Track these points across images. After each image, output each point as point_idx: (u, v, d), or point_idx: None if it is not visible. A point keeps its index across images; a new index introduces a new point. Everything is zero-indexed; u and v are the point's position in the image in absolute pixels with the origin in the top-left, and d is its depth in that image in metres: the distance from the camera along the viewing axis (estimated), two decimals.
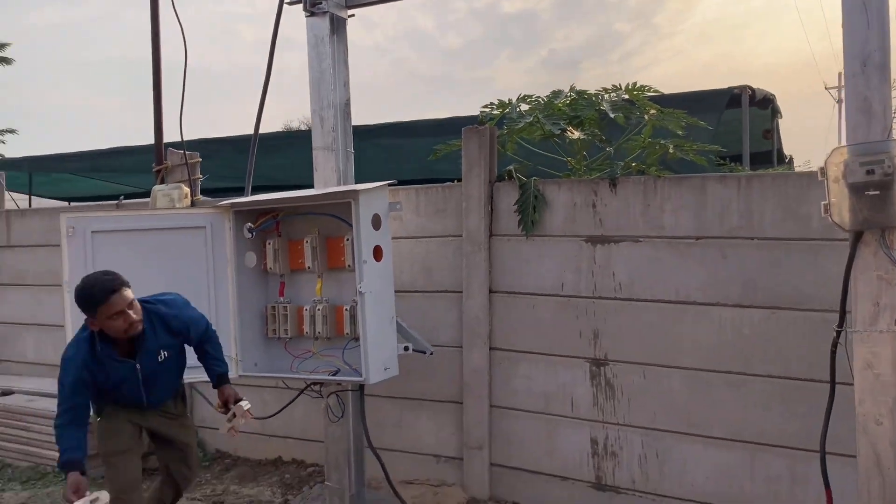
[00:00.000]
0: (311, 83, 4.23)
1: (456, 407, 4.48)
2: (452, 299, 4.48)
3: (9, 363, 6.57)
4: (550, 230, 4.20)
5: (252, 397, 5.19)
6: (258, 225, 4.19)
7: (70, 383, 3.19)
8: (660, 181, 3.91)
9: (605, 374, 4.05)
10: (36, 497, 4.71)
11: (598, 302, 4.06)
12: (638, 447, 3.98)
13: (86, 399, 3.28)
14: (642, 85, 4.53)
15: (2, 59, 7.96)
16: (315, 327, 4.07)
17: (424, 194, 4.60)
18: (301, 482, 4.75)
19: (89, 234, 3.96)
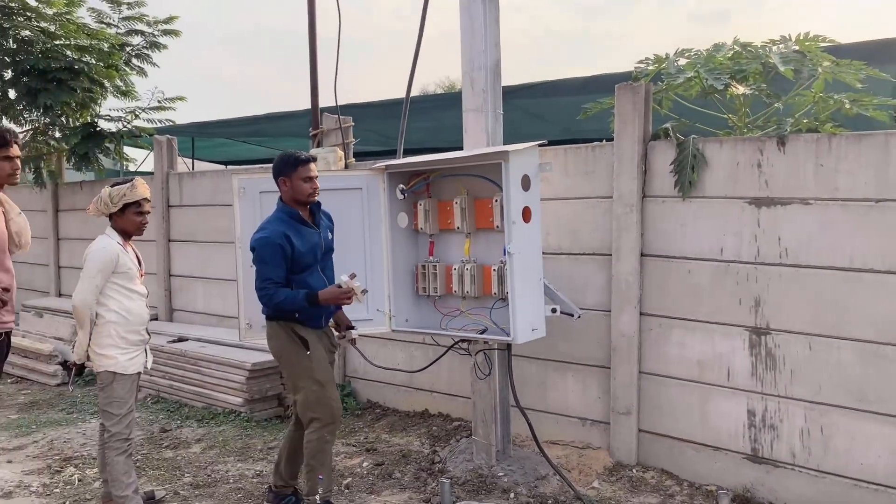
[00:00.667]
0: (463, 44, 4.24)
1: (603, 371, 4.44)
2: (600, 262, 4.41)
3: (182, 312, 7.21)
4: (710, 191, 4.01)
5: (400, 352, 5.44)
6: (410, 186, 4.30)
7: (271, 256, 3.50)
8: (835, 139, 3.61)
9: (766, 343, 3.85)
10: (210, 434, 5.17)
11: (761, 268, 3.85)
12: (800, 421, 3.77)
13: (284, 274, 3.55)
14: (815, 35, 4.18)
15: (171, 32, 8.62)
16: (463, 286, 4.15)
17: (573, 154, 4.51)
18: (448, 435, 4.90)
19: (258, 193, 4.22)
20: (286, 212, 3.64)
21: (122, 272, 3.62)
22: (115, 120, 8.32)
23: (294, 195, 3.63)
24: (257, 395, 5.49)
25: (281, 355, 3.72)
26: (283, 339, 3.66)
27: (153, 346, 6.13)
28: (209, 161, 16.31)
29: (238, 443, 4.99)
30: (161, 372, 6.09)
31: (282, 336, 3.66)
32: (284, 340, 3.67)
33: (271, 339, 3.72)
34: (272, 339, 3.72)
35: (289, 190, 3.64)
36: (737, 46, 4.30)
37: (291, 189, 3.63)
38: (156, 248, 7.24)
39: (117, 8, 8.49)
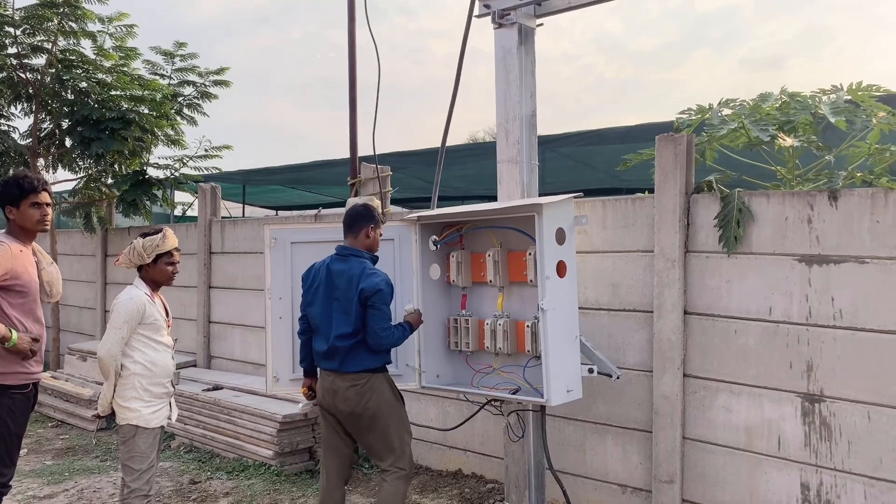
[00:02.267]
0: (498, 95, 4.18)
1: (644, 435, 4.20)
2: (641, 319, 4.21)
3: (220, 359, 7.20)
4: (757, 247, 3.80)
5: (433, 408, 5.28)
6: (443, 238, 4.21)
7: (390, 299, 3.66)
8: (892, 193, 3.39)
9: (820, 411, 3.58)
10: (239, 488, 5.07)
11: (813, 330, 3.60)
12: (860, 497, 3.47)
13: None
14: (868, 84, 3.99)
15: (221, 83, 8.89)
16: (496, 342, 4.00)
17: (612, 206, 4.36)
18: (481, 498, 4.69)
19: (289, 244, 4.20)
20: (373, 260, 3.76)
21: (149, 323, 3.59)
22: (164, 168, 8.51)
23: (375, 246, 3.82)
24: (288, 448, 5.38)
25: (390, 408, 3.67)
26: (388, 391, 3.68)
27: (189, 395, 6.14)
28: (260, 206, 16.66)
29: (266, 498, 4.87)
30: (195, 421, 6.05)
31: (387, 388, 3.68)
32: (390, 393, 3.69)
33: (375, 392, 3.63)
34: (377, 393, 3.64)
35: (373, 241, 3.79)
36: (784, 96, 4.13)
37: (374, 240, 3.81)
38: (196, 294, 7.29)
39: (170, 60, 8.77)
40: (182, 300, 7.48)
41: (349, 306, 3.61)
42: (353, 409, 3.61)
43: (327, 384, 3.68)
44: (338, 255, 3.75)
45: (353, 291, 3.59)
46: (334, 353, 3.61)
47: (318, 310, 3.71)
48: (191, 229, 7.48)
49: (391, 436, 3.66)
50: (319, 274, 3.75)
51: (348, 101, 5.75)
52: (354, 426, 3.68)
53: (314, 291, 3.74)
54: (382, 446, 3.65)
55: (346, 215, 3.88)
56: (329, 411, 3.73)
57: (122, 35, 8.57)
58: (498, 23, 4.11)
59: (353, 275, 3.63)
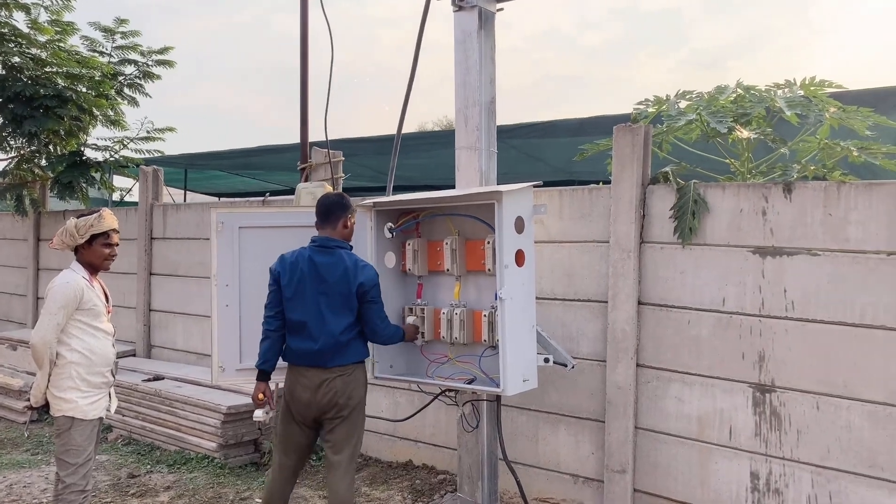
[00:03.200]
0: (457, 81, 4.09)
1: (597, 425, 4.20)
2: (595, 309, 4.20)
3: (161, 349, 6.94)
4: (711, 239, 3.82)
5: (385, 399, 5.19)
6: (399, 225, 4.11)
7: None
8: (844, 187, 3.45)
9: (771, 401, 3.63)
10: (181, 481, 4.88)
11: (766, 321, 3.65)
12: (807, 486, 3.53)
13: None
14: (821, 80, 4.05)
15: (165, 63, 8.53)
16: (452, 332, 3.92)
17: (569, 196, 4.34)
18: (432, 489, 4.62)
19: (237, 228, 4.03)
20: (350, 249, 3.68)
21: (87, 309, 3.39)
22: (102, 149, 8.15)
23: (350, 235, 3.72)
24: (232, 441, 5.21)
25: (362, 400, 3.62)
26: (365, 382, 3.65)
27: (128, 385, 5.89)
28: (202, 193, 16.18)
29: (209, 492, 4.70)
30: (134, 412, 5.81)
31: (365, 381, 3.64)
32: (366, 385, 3.65)
33: (360, 382, 3.58)
34: (360, 384, 3.59)
35: (350, 230, 3.70)
36: (740, 89, 4.17)
37: (351, 229, 3.71)
38: (136, 281, 7.00)
39: (111, 37, 8.39)
40: (121, 287, 7.18)
41: (344, 300, 3.48)
42: (336, 399, 3.47)
43: (305, 380, 3.50)
44: (320, 246, 3.58)
45: (349, 284, 3.47)
46: (331, 348, 3.46)
47: (303, 305, 3.50)
48: (131, 214, 7.18)
49: (355, 430, 3.57)
50: (299, 266, 3.54)
51: (299, 84, 5.58)
52: (330, 416, 3.52)
53: (295, 286, 3.53)
54: (345, 439, 3.53)
55: (319, 205, 3.69)
56: (300, 409, 3.55)
57: (59, 9, 8.15)
58: (458, 5, 4.02)
59: (346, 267, 3.50)
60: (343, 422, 3.49)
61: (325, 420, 3.52)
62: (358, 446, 3.57)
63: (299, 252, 3.58)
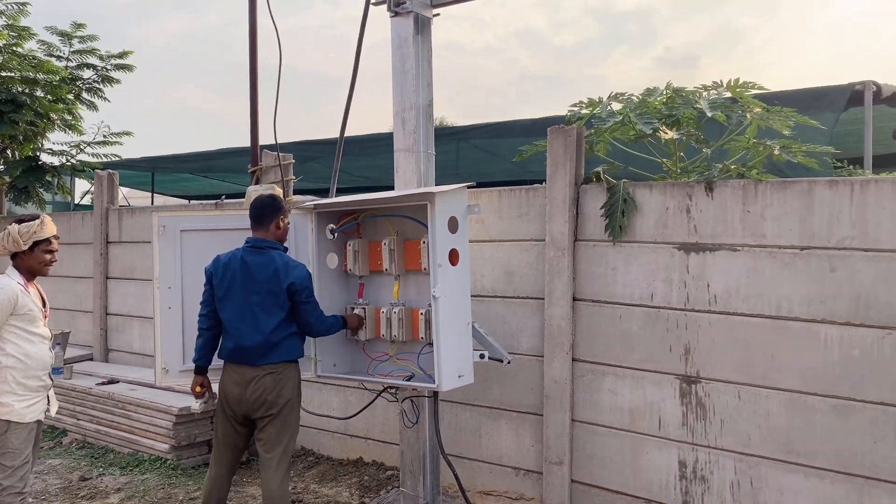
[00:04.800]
0: (394, 84, 4.18)
1: (536, 419, 4.31)
2: (534, 306, 4.32)
3: (118, 353, 6.95)
4: (640, 236, 3.96)
5: (335, 397, 5.27)
6: (340, 226, 4.19)
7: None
8: (761, 185, 3.59)
9: (697, 392, 3.77)
10: (132, 483, 4.92)
11: (691, 315, 3.78)
12: (730, 473, 3.67)
13: None
14: (746, 81, 4.20)
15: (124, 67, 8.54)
16: (391, 330, 4.01)
17: (508, 196, 4.45)
18: (379, 485, 4.71)
19: (178, 232, 4.09)
20: (284, 251, 3.77)
21: (23, 314, 3.44)
22: (59, 154, 8.13)
23: (285, 236, 3.82)
24: (185, 442, 5.26)
25: (294, 402, 3.67)
26: (298, 382, 3.69)
27: (81, 389, 5.91)
28: (171, 195, 16.10)
29: (159, 493, 4.75)
30: (88, 416, 5.84)
31: (298, 380, 3.69)
32: (298, 385, 3.69)
33: (290, 381, 3.63)
34: (291, 382, 3.63)
35: (283, 231, 3.79)
36: (669, 91, 4.30)
37: (284, 231, 3.81)
38: (92, 285, 7.01)
39: (68, 41, 8.38)
40: (77, 291, 7.18)
41: (274, 299, 3.57)
42: (265, 396, 3.55)
43: (237, 376, 3.59)
44: (252, 247, 3.68)
45: (280, 283, 3.57)
46: (261, 347, 3.55)
47: (234, 305, 3.61)
48: (87, 218, 7.18)
49: (286, 429, 3.63)
50: (231, 267, 3.64)
51: (249, 86, 5.63)
52: (260, 415, 3.59)
53: (227, 286, 3.64)
54: (276, 437, 3.60)
55: (252, 207, 3.80)
56: (231, 405, 3.64)
57: (14, 13, 8.13)
58: (394, 10, 4.11)
59: (276, 267, 3.60)
60: (273, 420, 3.56)
61: (257, 419, 3.60)
62: (290, 445, 3.64)
63: (233, 253, 3.66)
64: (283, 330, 3.61)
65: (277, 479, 3.55)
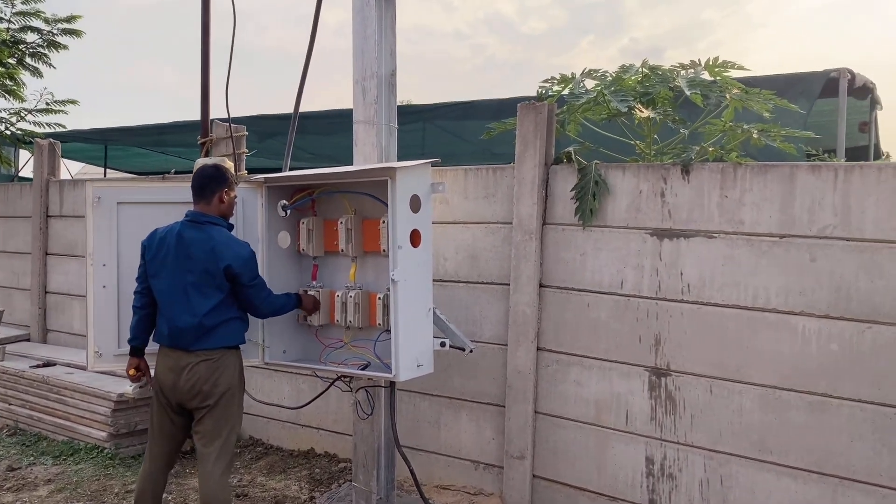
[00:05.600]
0: (355, 51, 3.89)
1: (498, 410, 4.10)
2: (499, 292, 4.09)
3: (57, 333, 6.55)
4: (612, 220, 3.75)
5: (287, 385, 4.99)
6: (293, 202, 3.90)
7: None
8: (740, 169, 3.41)
9: (666, 385, 3.59)
10: (65, 474, 4.59)
11: (662, 304, 3.60)
12: (700, 470, 3.51)
13: None
14: (725, 61, 4.01)
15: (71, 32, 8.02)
16: (346, 315, 3.75)
17: (474, 176, 4.21)
18: (331, 478, 4.46)
19: (115, 204, 3.75)
20: (229, 228, 3.48)
21: None
22: None
23: (230, 211, 3.52)
24: (124, 430, 4.93)
25: (234, 392, 3.36)
26: (238, 371, 3.40)
27: (14, 372, 5.53)
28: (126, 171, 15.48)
29: (94, 484, 4.43)
30: (21, 400, 5.47)
31: (238, 368, 3.40)
32: (239, 374, 3.42)
33: (228, 369, 3.32)
34: (228, 370, 3.32)
35: (227, 205, 3.48)
36: (645, 69, 4.09)
37: (229, 205, 3.50)
38: (31, 261, 6.59)
39: (9, 2, 7.85)
40: (14, 268, 6.76)
41: (211, 280, 3.27)
42: (200, 385, 3.26)
43: (171, 362, 3.31)
44: (191, 221, 3.37)
45: (217, 264, 3.26)
46: (194, 331, 3.25)
47: (166, 283, 3.32)
48: (25, 190, 6.74)
49: (225, 422, 3.34)
50: (167, 242, 3.34)
51: (200, 55, 5.27)
52: (196, 405, 3.31)
53: (160, 262, 3.34)
54: (214, 430, 3.32)
55: (194, 178, 3.50)
56: (165, 393, 3.36)
57: None
58: None
59: (213, 245, 3.29)
60: (210, 411, 3.28)
61: (193, 409, 3.32)
62: (231, 438, 3.35)
63: (171, 227, 3.36)
64: (220, 314, 3.31)
65: (216, 474, 3.27)
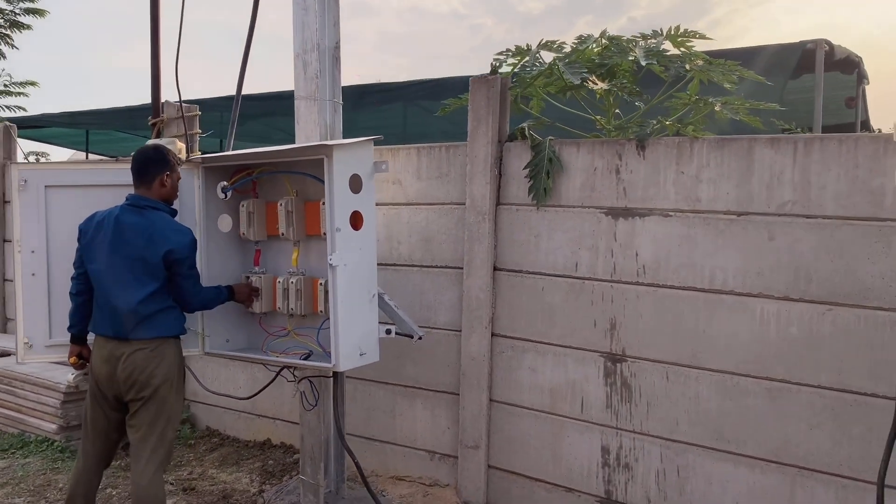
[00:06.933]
0: (295, 21, 3.67)
1: (453, 398, 3.94)
2: (453, 276, 3.92)
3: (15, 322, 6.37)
4: (566, 199, 3.57)
5: (242, 374, 4.82)
6: (232, 183, 3.70)
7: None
8: (697, 143, 3.22)
9: (622, 371, 3.43)
10: (11, 468, 4.43)
11: (617, 286, 3.42)
12: (656, 460, 3.35)
13: None
14: (687, 30, 3.80)
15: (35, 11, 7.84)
16: (288, 302, 3.58)
17: (427, 155, 4.02)
18: (283, 471, 4.31)
19: (43, 188, 3.56)
20: (172, 213, 3.32)
21: None
22: None
23: (173, 195, 3.36)
24: (75, 422, 4.76)
25: (172, 381, 3.18)
26: (177, 361, 3.23)
27: None
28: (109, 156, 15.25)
29: (39, 479, 4.27)
30: None
31: (176, 360, 3.23)
32: (178, 365, 3.24)
33: (165, 359, 3.14)
34: (166, 360, 3.14)
35: (170, 189, 3.32)
36: (604, 40, 3.89)
37: (172, 188, 3.34)
38: None
39: None
40: None
41: (148, 267, 3.09)
42: (136, 376, 3.09)
43: (106, 352, 3.13)
44: (130, 205, 3.20)
45: (155, 250, 3.09)
46: (129, 319, 3.08)
47: (102, 268, 3.14)
48: None
49: (161, 415, 3.16)
50: (104, 226, 3.17)
51: (150, 33, 5.06)
52: (131, 397, 3.14)
53: (97, 247, 3.17)
54: (149, 423, 3.14)
55: (133, 160, 3.32)
56: (101, 386, 3.18)
57: None
58: None
59: (153, 232, 3.12)
60: (146, 403, 3.11)
61: (129, 402, 3.15)
62: (168, 432, 3.18)
63: (110, 211, 3.19)
64: (157, 302, 3.14)
65: (149, 472, 3.10)
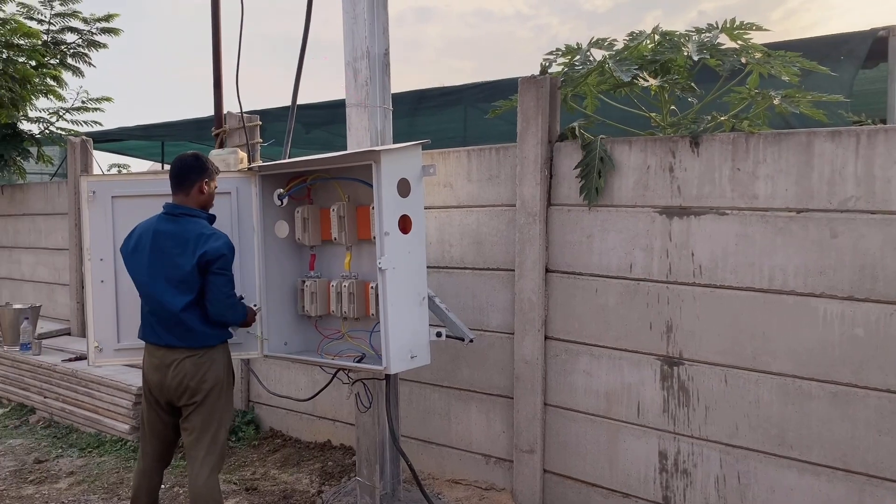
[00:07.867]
0: (345, 29, 3.74)
1: (507, 402, 3.92)
2: (504, 278, 3.90)
3: None
4: (618, 199, 3.50)
5: (303, 377, 4.92)
6: (288, 190, 3.80)
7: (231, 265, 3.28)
8: (752, 139, 3.11)
9: (679, 375, 3.33)
10: (88, 466, 4.66)
11: (673, 287, 3.33)
12: (715, 466, 3.25)
13: None
14: (744, 22, 3.67)
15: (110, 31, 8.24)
16: (342, 306, 3.64)
17: (477, 157, 4.01)
18: (342, 472, 4.38)
19: (110, 198, 3.73)
20: (210, 219, 3.36)
21: None
22: (36, 121, 7.82)
23: (210, 202, 3.41)
24: None
25: (221, 385, 3.27)
26: (225, 366, 3.31)
27: (47, 366, 5.66)
28: None
29: (112, 476, 4.47)
30: (55, 394, 5.59)
31: (225, 363, 3.31)
32: (227, 368, 3.33)
33: (214, 364, 3.23)
34: (215, 366, 3.23)
35: (207, 196, 3.37)
36: (657, 35, 3.79)
37: (210, 195, 3.39)
38: (68, 257, 6.74)
39: (48, 4, 8.04)
40: (55, 264, 6.93)
41: (184, 274, 3.15)
42: (186, 382, 3.18)
43: (156, 360, 3.23)
44: (167, 214, 3.29)
45: (190, 257, 3.14)
46: (175, 328, 3.16)
47: (144, 279, 3.23)
48: (63, 187, 6.90)
49: (213, 416, 3.25)
50: (144, 238, 3.26)
51: (212, 47, 5.24)
52: (184, 402, 3.23)
53: (137, 257, 3.26)
54: (202, 426, 3.22)
55: (172, 168, 3.40)
56: (154, 391, 3.29)
57: None
58: None
59: (188, 238, 3.18)
60: (198, 408, 3.20)
61: (181, 406, 3.25)
62: (220, 434, 3.26)
63: (148, 221, 3.29)
64: (195, 309, 3.19)
65: (205, 472, 3.20)
